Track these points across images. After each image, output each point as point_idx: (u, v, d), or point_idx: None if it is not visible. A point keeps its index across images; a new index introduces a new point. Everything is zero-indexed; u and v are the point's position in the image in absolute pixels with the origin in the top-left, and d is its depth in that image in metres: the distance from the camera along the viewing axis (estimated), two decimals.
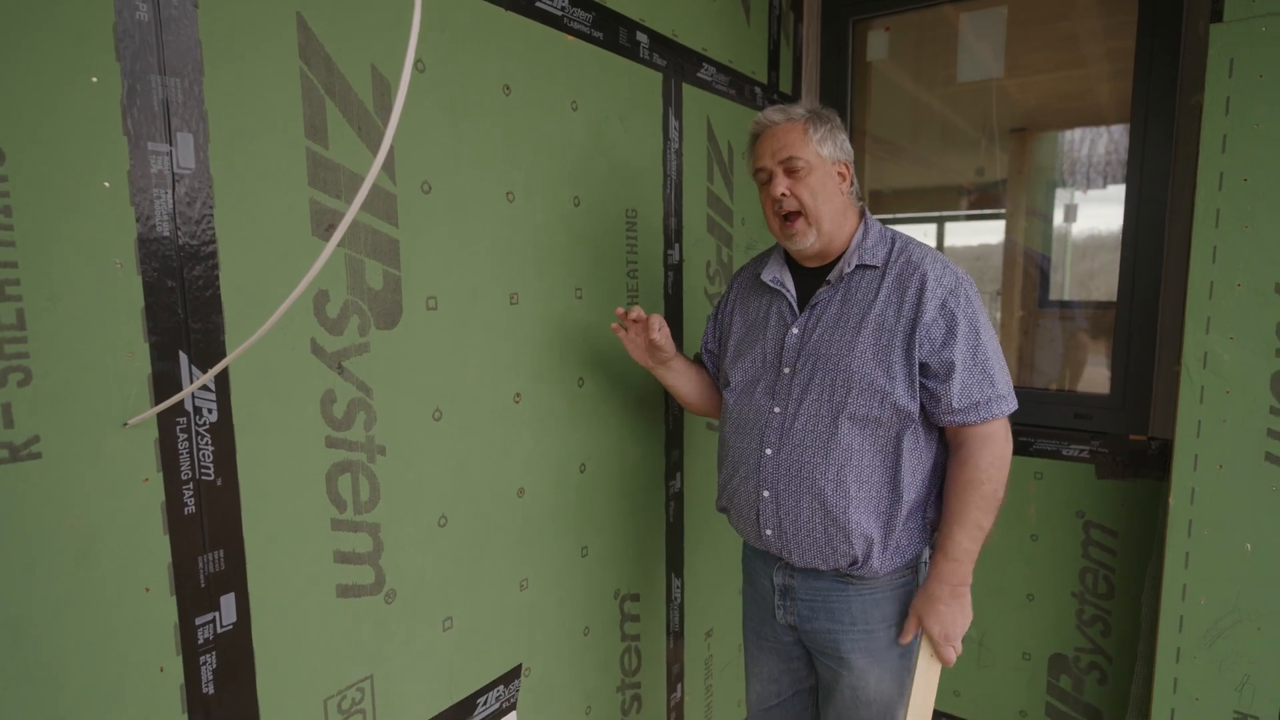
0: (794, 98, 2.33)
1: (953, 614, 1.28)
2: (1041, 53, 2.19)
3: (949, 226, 2.51)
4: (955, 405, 1.26)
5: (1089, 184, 2.16)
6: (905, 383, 1.27)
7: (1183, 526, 1.71)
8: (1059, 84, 2.22)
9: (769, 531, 1.38)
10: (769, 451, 1.36)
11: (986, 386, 1.27)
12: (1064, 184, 2.21)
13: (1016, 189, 2.30)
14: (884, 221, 1.44)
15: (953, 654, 1.30)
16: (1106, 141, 2.10)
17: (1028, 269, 2.30)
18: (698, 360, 1.63)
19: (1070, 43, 2.13)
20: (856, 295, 1.34)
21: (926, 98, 2.40)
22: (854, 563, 1.32)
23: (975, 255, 2.44)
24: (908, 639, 1.35)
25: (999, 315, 2.38)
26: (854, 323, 1.32)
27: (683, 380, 1.57)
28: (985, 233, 2.39)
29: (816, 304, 1.37)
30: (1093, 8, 2.08)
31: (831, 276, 1.36)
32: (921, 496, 1.34)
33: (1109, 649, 2.07)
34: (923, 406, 1.30)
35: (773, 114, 1.36)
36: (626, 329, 1.49)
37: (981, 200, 2.40)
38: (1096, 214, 2.16)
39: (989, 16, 2.16)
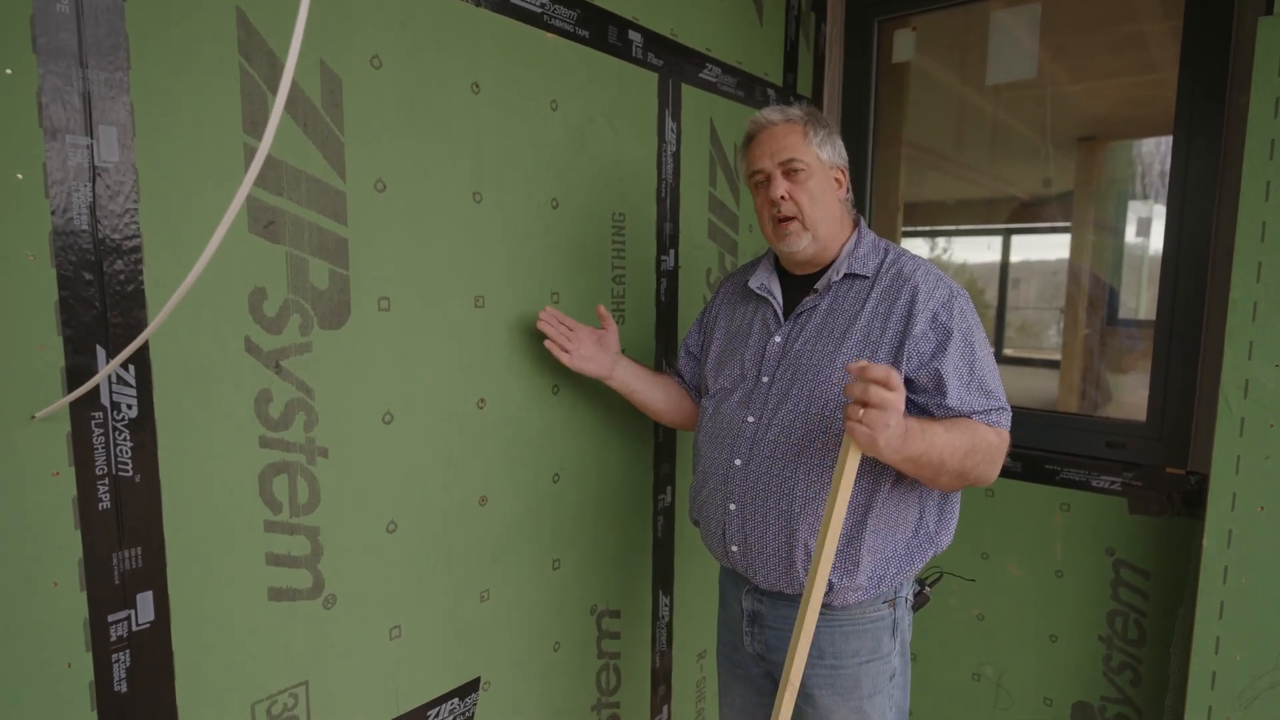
0: (815, 101, 2.24)
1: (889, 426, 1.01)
2: (1107, 57, 2.03)
3: (994, 240, 2.36)
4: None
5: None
6: None
7: (1217, 572, 1.55)
8: (1130, 89, 2.06)
9: (734, 548, 1.30)
10: (738, 462, 1.29)
11: (982, 400, 1.19)
12: (1142, 196, 2.04)
13: (1084, 201, 2.15)
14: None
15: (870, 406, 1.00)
16: None
17: (1094, 289, 2.14)
18: (665, 371, 1.56)
19: (1137, 46, 1.96)
20: (843, 305, 1.27)
21: (978, 102, 2.25)
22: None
23: (1053, 270, 2.29)
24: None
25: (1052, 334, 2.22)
26: (838, 333, 1.25)
27: (645, 385, 1.48)
28: (1062, 247, 2.23)
29: (802, 313, 1.31)
30: (1153, 8, 1.92)
31: (819, 285, 1.29)
32: (899, 526, 1.24)
33: (1139, 700, 1.89)
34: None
35: (770, 114, 1.30)
36: (563, 334, 1.38)
37: (1042, 213, 2.25)
38: None
39: (1021, 14, 2.02)
